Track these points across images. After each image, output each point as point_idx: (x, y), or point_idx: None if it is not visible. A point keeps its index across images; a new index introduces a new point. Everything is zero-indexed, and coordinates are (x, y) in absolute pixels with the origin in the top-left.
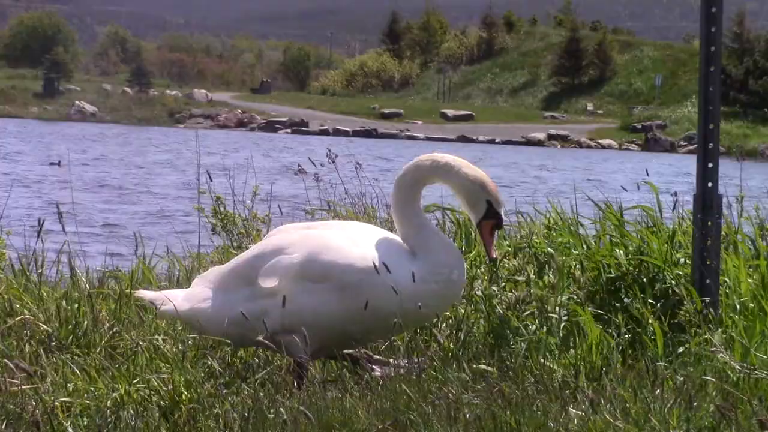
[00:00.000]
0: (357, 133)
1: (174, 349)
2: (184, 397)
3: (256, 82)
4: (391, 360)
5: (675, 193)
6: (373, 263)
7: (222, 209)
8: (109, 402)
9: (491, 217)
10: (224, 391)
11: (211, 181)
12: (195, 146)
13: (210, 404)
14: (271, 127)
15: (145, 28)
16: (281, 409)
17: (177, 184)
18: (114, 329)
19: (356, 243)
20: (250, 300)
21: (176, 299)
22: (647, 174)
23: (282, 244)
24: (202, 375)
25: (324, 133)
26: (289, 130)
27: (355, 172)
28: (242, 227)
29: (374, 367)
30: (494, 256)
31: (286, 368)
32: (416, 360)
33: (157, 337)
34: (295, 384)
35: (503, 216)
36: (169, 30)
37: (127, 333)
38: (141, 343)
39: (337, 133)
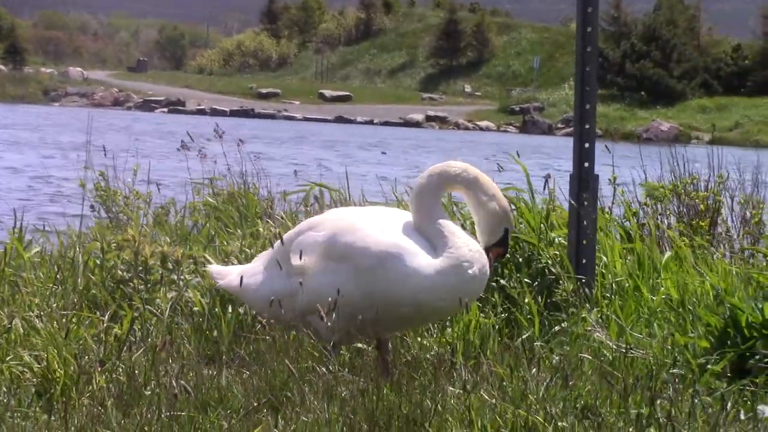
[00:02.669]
0: (235, 113)
1: (49, 326)
2: (57, 374)
3: (133, 61)
4: None
5: (548, 175)
6: (392, 249)
7: (104, 185)
8: None
9: (502, 245)
10: (99, 368)
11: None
12: (60, 124)
13: (85, 381)
14: (147, 106)
15: (19, 5)
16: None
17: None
18: None
19: (381, 227)
20: (283, 277)
21: (233, 274)
22: (519, 154)
23: (315, 221)
24: (77, 352)
25: (201, 112)
26: (165, 110)
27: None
28: (123, 204)
29: None
30: None
31: (161, 345)
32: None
33: (30, 313)
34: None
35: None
36: (44, 7)
37: (1, 309)
38: (15, 319)
39: (215, 112)
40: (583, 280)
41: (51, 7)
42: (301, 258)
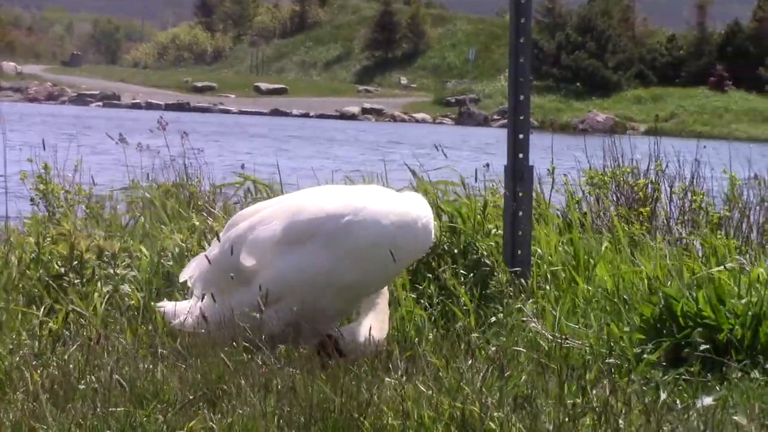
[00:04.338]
0: (170, 107)
1: None
2: None
3: (67, 55)
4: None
5: (487, 165)
6: (353, 207)
7: (47, 178)
8: None
9: None
10: (33, 363)
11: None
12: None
13: (19, 376)
14: (82, 100)
15: None
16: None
17: None
18: None
19: (329, 196)
20: (240, 290)
21: (185, 311)
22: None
23: (255, 220)
24: (11, 347)
25: (136, 106)
26: (100, 104)
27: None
28: (63, 199)
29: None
30: None
31: (96, 339)
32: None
33: None
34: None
35: None
36: None
37: None
38: None
39: (150, 106)
40: (519, 271)
41: None
42: (260, 256)
